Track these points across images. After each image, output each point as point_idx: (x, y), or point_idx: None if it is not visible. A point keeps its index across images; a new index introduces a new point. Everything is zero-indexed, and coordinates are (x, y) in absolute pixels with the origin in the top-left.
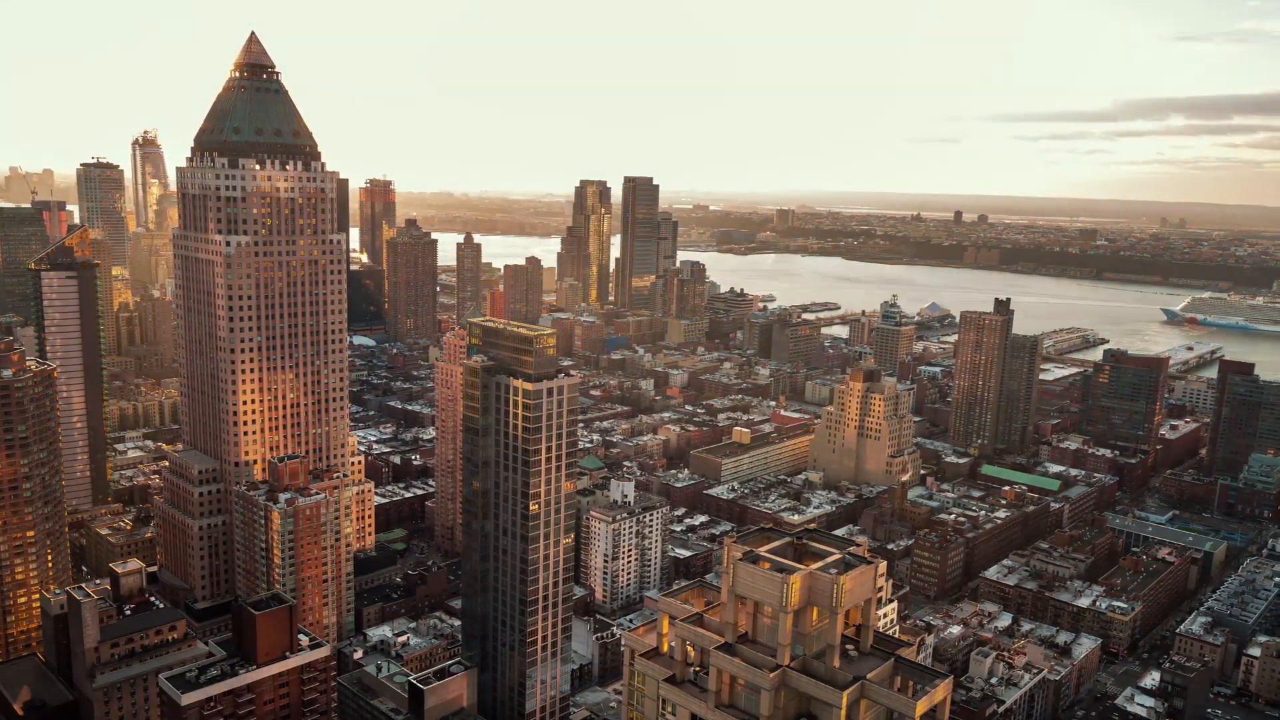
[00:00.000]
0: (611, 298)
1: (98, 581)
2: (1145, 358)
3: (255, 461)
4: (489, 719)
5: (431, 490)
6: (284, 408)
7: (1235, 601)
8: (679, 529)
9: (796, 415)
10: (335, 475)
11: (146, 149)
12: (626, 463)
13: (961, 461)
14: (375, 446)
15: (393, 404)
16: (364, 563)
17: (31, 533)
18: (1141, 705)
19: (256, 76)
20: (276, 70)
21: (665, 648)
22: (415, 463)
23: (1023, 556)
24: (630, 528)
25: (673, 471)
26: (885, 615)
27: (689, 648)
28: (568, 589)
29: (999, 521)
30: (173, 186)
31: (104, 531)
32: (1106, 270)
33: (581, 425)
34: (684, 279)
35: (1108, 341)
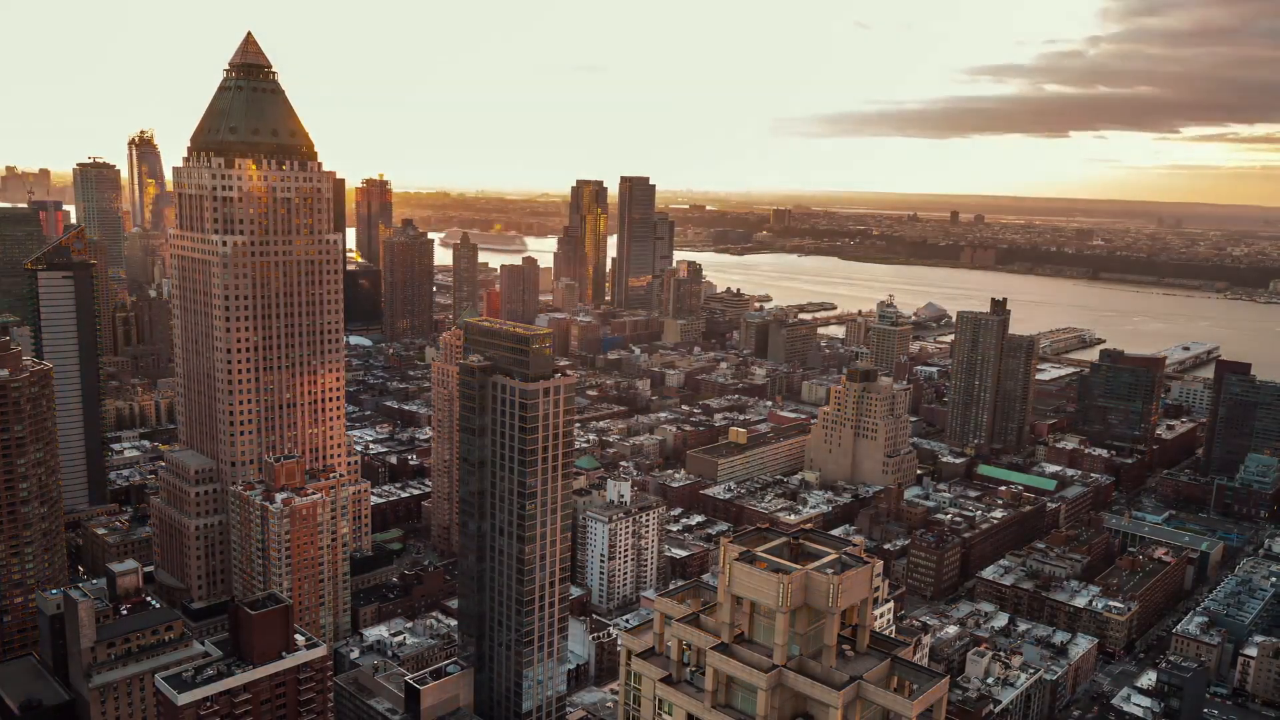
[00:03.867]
0: (608, 297)
1: (94, 581)
2: (1142, 357)
3: (252, 461)
4: (485, 719)
5: (428, 490)
6: (280, 407)
7: (1232, 601)
8: (675, 529)
9: (793, 415)
10: (331, 475)
11: (143, 149)
12: (623, 463)
13: (958, 461)
14: (372, 446)
15: (389, 404)
16: (360, 563)
17: (28, 532)
18: (1138, 705)
19: (253, 76)
20: (273, 70)
21: (661, 648)
22: (412, 463)
23: (1019, 556)
24: (626, 528)
25: (669, 471)
26: (882, 615)
27: (685, 648)
28: (564, 589)
29: (995, 521)
30: (169, 186)
31: (100, 531)
32: (1103, 270)
33: (578, 425)
34: (680, 279)
35: (1104, 341)
